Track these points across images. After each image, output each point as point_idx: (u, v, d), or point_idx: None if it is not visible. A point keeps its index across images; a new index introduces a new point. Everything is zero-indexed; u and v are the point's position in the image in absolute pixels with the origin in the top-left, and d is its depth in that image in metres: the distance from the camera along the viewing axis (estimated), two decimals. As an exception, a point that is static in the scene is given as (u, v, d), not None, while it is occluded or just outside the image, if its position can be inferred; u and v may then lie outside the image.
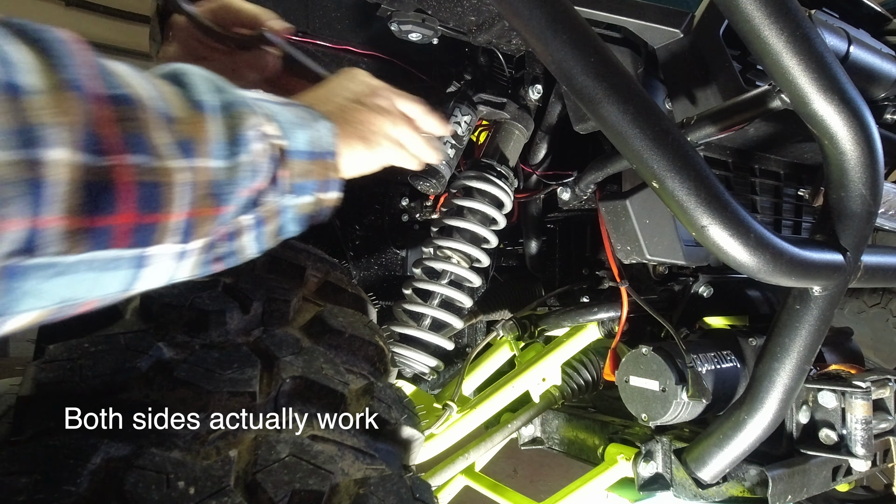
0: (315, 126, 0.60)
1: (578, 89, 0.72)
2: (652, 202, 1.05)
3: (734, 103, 0.87)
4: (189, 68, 0.52)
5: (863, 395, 1.02)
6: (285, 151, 0.56)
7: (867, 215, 0.84)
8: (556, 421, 1.46)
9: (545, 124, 1.27)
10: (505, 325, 1.40)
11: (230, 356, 0.60)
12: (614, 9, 0.96)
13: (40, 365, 0.56)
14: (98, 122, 0.40)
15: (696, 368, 1.04)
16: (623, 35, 1.03)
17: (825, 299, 0.89)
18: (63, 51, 0.40)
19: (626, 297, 1.20)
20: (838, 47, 0.98)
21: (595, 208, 1.14)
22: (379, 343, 0.74)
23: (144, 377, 0.56)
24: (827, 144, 0.80)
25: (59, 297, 0.41)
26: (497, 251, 1.48)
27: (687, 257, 1.04)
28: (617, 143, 0.74)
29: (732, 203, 0.75)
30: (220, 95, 0.51)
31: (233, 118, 0.51)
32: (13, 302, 0.38)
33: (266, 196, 0.54)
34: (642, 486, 1.16)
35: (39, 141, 0.37)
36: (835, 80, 0.75)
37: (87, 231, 0.40)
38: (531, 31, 0.71)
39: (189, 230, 0.46)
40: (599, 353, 1.38)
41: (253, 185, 0.52)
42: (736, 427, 0.98)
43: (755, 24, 0.71)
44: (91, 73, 0.41)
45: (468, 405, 1.25)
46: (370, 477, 0.58)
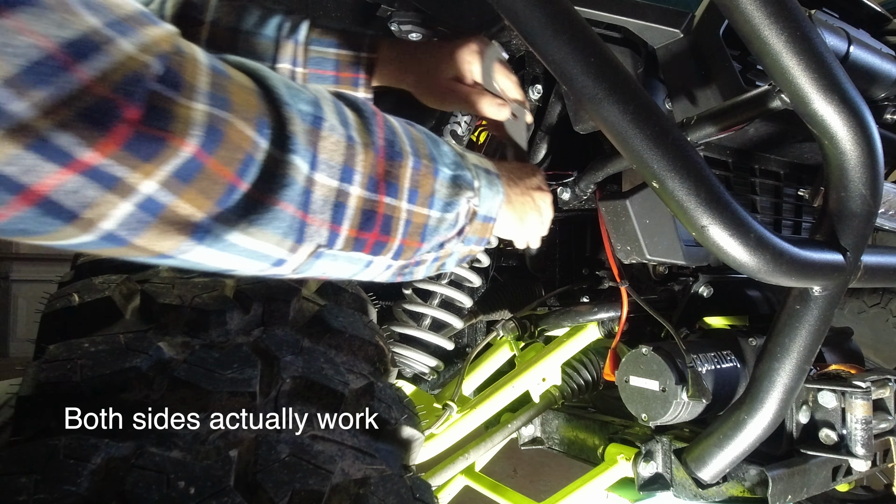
0: (497, 197, 0.76)
1: (578, 89, 0.72)
2: (652, 202, 1.05)
3: (734, 103, 0.87)
4: (441, 140, 0.72)
5: (863, 395, 1.02)
6: (475, 214, 0.73)
7: (867, 215, 0.84)
8: (556, 421, 1.46)
9: (545, 124, 1.27)
10: (505, 325, 1.39)
11: (230, 356, 0.60)
12: (614, 9, 0.96)
13: (41, 365, 0.56)
14: (378, 170, 0.60)
15: (696, 368, 1.04)
16: (623, 35, 1.03)
17: (825, 299, 0.89)
18: (371, 120, 0.61)
19: (626, 297, 1.20)
20: (838, 47, 0.98)
21: (595, 208, 1.14)
22: (379, 343, 0.74)
23: (144, 377, 0.56)
24: (827, 144, 0.80)
25: (324, 271, 0.61)
26: (497, 251, 1.48)
27: (687, 257, 1.04)
28: (617, 143, 0.74)
29: (732, 203, 0.75)
30: (454, 169, 0.69)
31: (457, 187, 0.69)
32: (309, 270, 0.59)
33: (450, 243, 0.71)
34: (642, 486, 1.16)
35: (350, 178, 0.57)
36: (835, 80, 0.75)
37: (356, 239, 0.59)
38: (531, 31, 0.71)
39: (398, 253, 0.64)
40: (599, 353, 1.38)
41: (447, 235, 0.70)
42: (736, 427, 0.98)
43: (755, 24, 0.71)
44: (383, 137, 0.61)
45: (468, 405, 1.25)
46: (370, 477, 0.58)
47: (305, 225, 0.54)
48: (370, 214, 0.59)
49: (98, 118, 0.40)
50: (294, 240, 0.54)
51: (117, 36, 0.42)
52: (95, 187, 0.42)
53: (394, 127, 0.64)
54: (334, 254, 0.59)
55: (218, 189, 0.48)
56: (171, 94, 0.44)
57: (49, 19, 0.38)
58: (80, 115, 0.40)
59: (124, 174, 0.43)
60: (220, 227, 0.49)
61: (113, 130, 0.41)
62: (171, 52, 0.45)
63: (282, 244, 0.53)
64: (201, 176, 0.46)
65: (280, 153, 0.51)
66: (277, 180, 0.51)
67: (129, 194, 0.44)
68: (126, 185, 0.43)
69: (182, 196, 0.46)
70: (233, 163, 0.48)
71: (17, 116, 0.38)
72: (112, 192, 0.43)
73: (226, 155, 0.47)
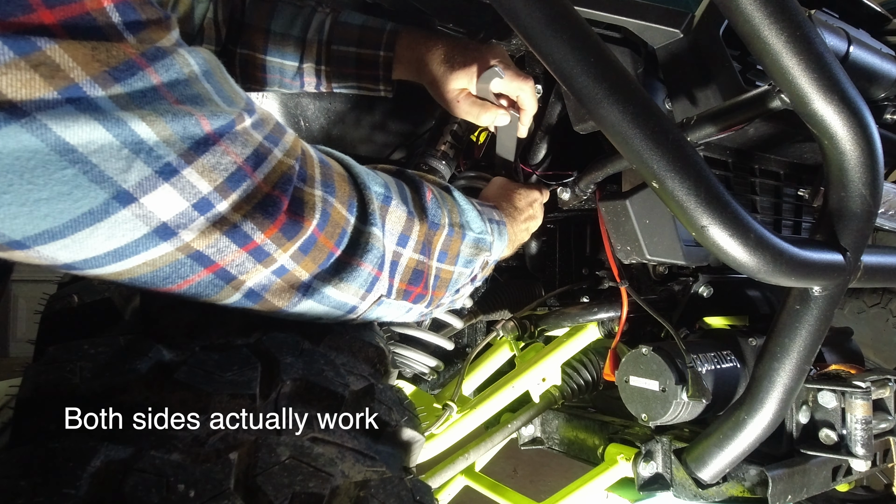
0: (503, 244, 0.91)
1: (578, 89, 0.72)
2: (652, 202, 1.05)
3: (734, 103, 0.87)
4: (470, 207, 0.84)
5: (863, 395, 1.02)
6: (487, 262, 0.87)
7: (867, 215, 0.84)
8: (556, 421, 1.46)
9: (545, 124, 1.27)
10: (505, 325, 1.39)
11: (230, 358, 0.60)
12: (614, 9, 0.96)
13: (40, 367, 0.56)
14: (429, 239, 0.74)
15: (696, 368, 1.04)
16: (623, 35, 1.03)
17: (825, 299, 0.89)
18: (424, 197, 0.75)
19: (626, 297, 1.19)
20: (838, 47, 0.98)
21: (595, 208, 1.14)
22: (379, 344, 0.74)
23: (144, 379, 0.56)
24: (827, 144, 0.80)
25: (378, 315, 0.73)
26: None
27: (687, 257, 1.04)
28: (617, 143, 0.74)
29: (732, 203, 0.75)
30: (478, 233, 0.82)
31: (477, 248, 0.83)
32: (370, 315, 0.71)
33: (465, 288, 0.85)
34: (642, 486, 1.16)
35: (405, 243, 0.70)
36: (835, 80, 0.75)
37: (405, 291, 0.73)
38: (531, 31, 0.71)
39: (430, 302, 0.78)
40: (599, 353, 1.38)
41: (464, 282, 0.84)
42: (736, 427, 0.98)
43: (755, 24, 0.71)
44: (430, 211, 0.75)
45: (468, 405, 1.25)
46: (371, 479, 0.58)
47: (377, 279, 0.67)
48: (417, 273, 0.73)
49: (268, 210, 0.54)
50: (366, 290, 0.66)
51: (273, 147, 0.55)
52: (254, 260, 0.55)
53: (437, 200, 0.77)
54: (389, 302, 0.71)
55: (323, 256, 0.61)
56: (304, 187, 0.58)
57: (239, 141, 0.51)
58: (256, 208, 0.53)
59: (273, 250, 0.56)
60: (320, 284, 0.62)
61: (277, 218, 0.55)
62: (301, 153, 0.59)
63: (357, 294, 0.66)
64: (314, 248, 0.59)
65: (363, 226, 0.64)
66: (361, 246, 0.64)
67: (272, 264, 0.57)
68: (272, 258, 0.56)
69: (301, 263, 0.59)
70: (334, 235, 0.61)
71: (221, 212, 0.51)
72: (262, 264, 0.56)
73: (330, 230, 0.61)
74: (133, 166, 0.44)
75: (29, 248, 0.45)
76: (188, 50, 0.49)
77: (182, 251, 0.51)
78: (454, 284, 0.81)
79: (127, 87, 0.43)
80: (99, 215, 0.45)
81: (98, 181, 0.43)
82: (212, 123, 0.48)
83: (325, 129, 1.43)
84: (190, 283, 0.54)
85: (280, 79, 1.18)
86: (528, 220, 1.04)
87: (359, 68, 1.14)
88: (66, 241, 0.45)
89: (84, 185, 0.43)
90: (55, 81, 0.40)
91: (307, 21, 1.13)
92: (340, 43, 1.13)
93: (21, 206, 0.42)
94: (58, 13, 0.40)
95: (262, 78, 1.19)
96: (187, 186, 0.48)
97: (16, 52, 0.38)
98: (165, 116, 0.45)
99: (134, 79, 0.44)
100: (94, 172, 0.43)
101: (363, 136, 1.44)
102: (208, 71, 0.50)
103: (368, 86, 1.17)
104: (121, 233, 0.47)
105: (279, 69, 1.17)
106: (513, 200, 1.03)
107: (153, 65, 0.45)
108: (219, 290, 0.56)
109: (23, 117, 0.39)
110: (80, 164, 0.42)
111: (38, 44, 0.39)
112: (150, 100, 0.45)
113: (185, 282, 0.54)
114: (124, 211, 0.46)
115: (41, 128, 0.40)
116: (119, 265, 0.49)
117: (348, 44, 1.13)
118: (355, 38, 1.12)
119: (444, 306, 0.84)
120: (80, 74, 0.41)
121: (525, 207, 1.04)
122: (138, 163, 0.45)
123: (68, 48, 0.40)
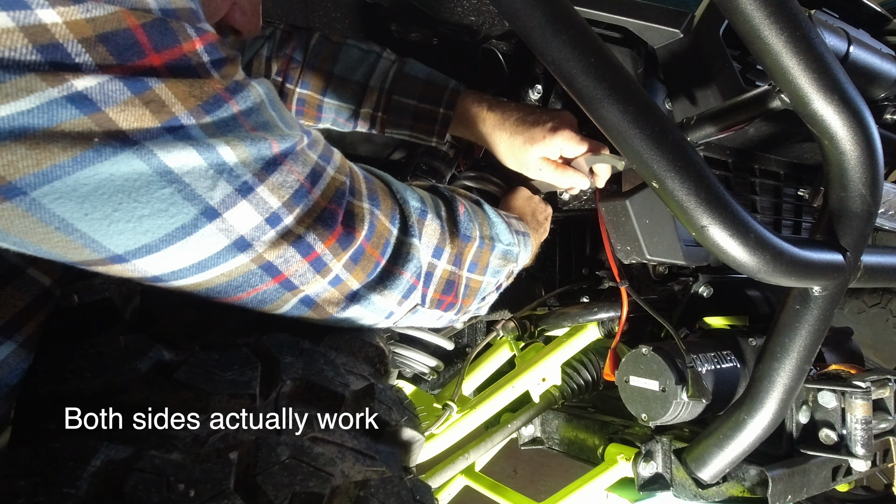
0: (528, 254, 0.96)
1: (578, 89, 0.72)
2: (652, 202, 1.05)
3: (734, 103, 0.87)
4: (500, 219, 0.88)
5: (863, 395, 1.02)
6: (512, 272, 0.91)
7: (867, 215, 0.84)
8: (556, 421, 1.46)
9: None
10: (505, 326, 1.39)
11: (230, 358, 0.60)
12: (614, 9, 0.96)
13: (40, 366, 0.56)
14: (461, 250, 0.77)
15: (696, 368, 1.04)
16: (623, 35, 1.03)
17: (825, 299, 0.89)
18: (457, 212, 0.78)
19: (626, 297, 1.19)
20: (838, 47, 0.98)
21: (595, 208, 1.14)
22: (379, 344, 0.74)
23: (144, 379, 0.56)
24: (827, 144, 0.80)
25: (411, 322, 0.77)
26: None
27: (687, 257, 1.04)
28: (617, 143, 0.74)
29: (732, 203, 0.75)
30: (505, 244, 0.86)
31: (505, 260, 0.86)
32: (404, 321, 0.76)
33: (490, 296, 0.89)
34: (642, 486, 1.16)
35: (440, 255, 0.74)
36: (835, 80, 0.75)
37: (438, 300, 0.76)
38: (531, 31, 0.71)
39: (459, 310, 0.82)
40: (599, 353, 1.38)
41: (491, 290, 0.87)
42: (736, 427, 0.98)
43: (755, 24, 0.71)
44: (462, 224, 0.78)
45: (468, 405, 1.25)
46: (370, 479, 0.58)
47: (414, 287, 0.71)
48: (449, 283, 0.77)
49: (327, 221, 0.60)
50: (403, 296, 0.71)
51: (326, 164, 0.61)
52: (313, 270, 0.60)
53: (469, 214, 0.81)
54: (423, 311, 0.75)
55: (371, 265, 0.66)
56: (353, 200, 0.63)
57: (300, 161, 0.57)
58: (317, 221, 0.59)
59: (330, 260, 0.61)
60: (367, 291, 0.67)
61: (335, 230, 0.60)
62: (349, 170, 0.65)
63: (396, 300, 0.70)
64: (363, 257, 0.64)
65: (405, 237, 0.69)
66: (403, 256, 0.69)
67: (328, 274, 0.62)
68: (328, 268, 0.62)
69: (352, 273, 0.64)
70: (379, 246, 0.66)
71: (288, 225, 0.56)
72: (320, 273, 0.61)
73: (376, 240, 0.66)
74: (218, 185, 0.50)
75: (128, 261, 0.51)
76: (255, 81, 0.55)
77: (255, 262, 0.56)
78: (482, 293, 0.85)
79: (215, 118, 0.50)
80: (189, 229, 0.51)
81: (190, 198, 0.49)
82: (280, 146, 0.55)
83: (325, 129, 1.43)
84: (257, 292, 0.59)
85: (335, 118, 1.20)
86: (544, 232, 1.11)
87: (416, 120, 1.16)
88: (160, 255, 0.51)
89: (178, 202, 0.49)
90: (160, 115, 0.46)
91: (372, 67, 1.15)
92: (402, 94, 1.14)
93: (127, 223, 0.48)
94: (164, 56, 0.46)
95: (316, 117, 1.21)
96: (261, 202, 0.54)
97: (132, 92, 0.45)
98: (245, 141, 0.52)
99: (220, 110, 0.50)
100: (186, 191, 0.49)
101: (363, 135, 1.44)
102: (273, 99, 0.57)
103: (421, 137, 1.18)
104: (206, 245, 0.52)
105: (335, 110, 1.18)
106: (536, 214, 1.10)
107: (234, 97, 0.52)
108: (279, 297, 0.61)
109: (133, 146, 0.46)
110: (175, 184, 0.48)
111: (149, 84, 0.45)
112: (232, 127, 0.51)
113: (254, 290, 0.59)
114: (210, 225, 0.51)
115: (148, 153, 0.46)
116: (200, 276, 0.55)
117: (410, 96, 1.14)
118: (418, 92, 1.14)
119: (471, 313, 0.87)
120: (180, 108, 0.47)
121: (544, 221, 1.11)
122: (222, 182, 0.51)
123: (171, 86, 0.47)
